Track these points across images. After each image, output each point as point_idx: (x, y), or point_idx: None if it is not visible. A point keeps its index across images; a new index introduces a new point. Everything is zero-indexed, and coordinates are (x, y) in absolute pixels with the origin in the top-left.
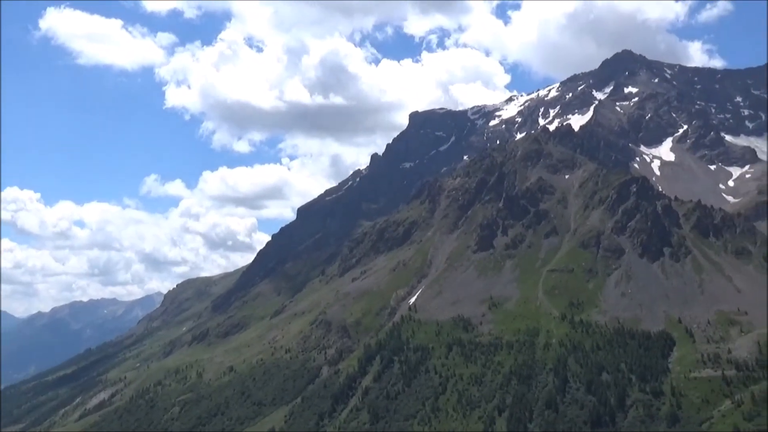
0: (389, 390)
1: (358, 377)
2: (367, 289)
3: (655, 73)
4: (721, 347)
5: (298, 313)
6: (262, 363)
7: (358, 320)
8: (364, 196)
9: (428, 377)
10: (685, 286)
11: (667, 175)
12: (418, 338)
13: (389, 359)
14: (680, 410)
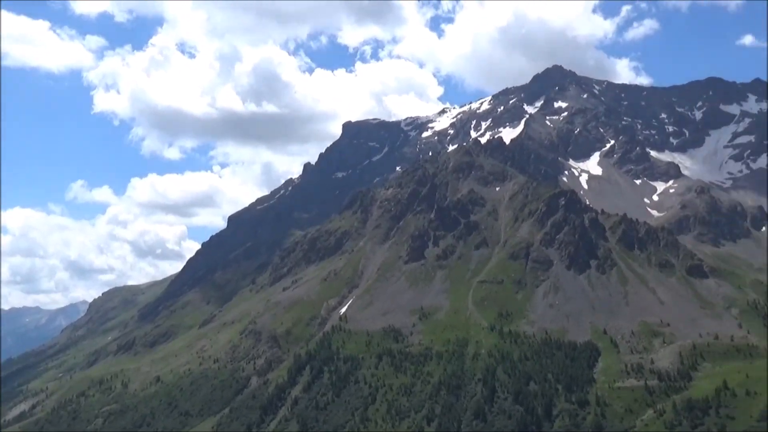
0: (319, 400)
1: (288, 387)
2: (298, 299)
3: (584, 88)
4: (645, 358)
5: (227, 322)
6: (189, 373)
7: (288, 330)
8: (296, 206)
9: (358, 387)
10: (611, 297)
11: (594, 188)
12: (348, 348)
13: (319, 369)
14: (605, 419)
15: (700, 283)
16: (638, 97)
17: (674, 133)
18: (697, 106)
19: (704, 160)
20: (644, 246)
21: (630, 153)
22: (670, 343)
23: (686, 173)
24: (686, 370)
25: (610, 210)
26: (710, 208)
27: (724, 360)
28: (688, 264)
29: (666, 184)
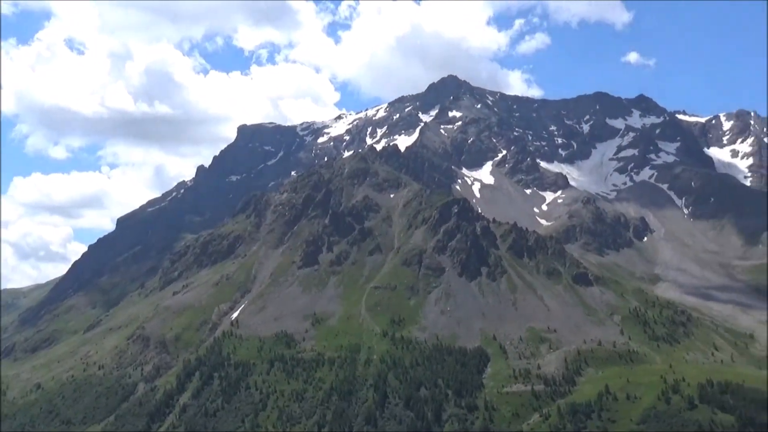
0: (208, 407)
1: (176, 394)
2: (189, 304)
3: (478, 99)
4: (532, 363)
5: (114, 327)
6: (72, 380)
7: (177, 335)
8: (189, 209)
9: (249, 394)
10: (500, 304)
11: (486, 197)
12: (239, 354)
13: (209, 375)
14: (492, 424)
15: (585, 290)
16: (529, 109)
17: (563, 145)
18: (584, 119)
19: (591, 172)
20: (533, 254)
21: (521, 163)
22: (556, 349)
23: (574, 184)
24: (571, 375)
25: (501, 218)
26: (595, 218)
27: (607, 365)
28: (574, 272)
29: (554, 194)
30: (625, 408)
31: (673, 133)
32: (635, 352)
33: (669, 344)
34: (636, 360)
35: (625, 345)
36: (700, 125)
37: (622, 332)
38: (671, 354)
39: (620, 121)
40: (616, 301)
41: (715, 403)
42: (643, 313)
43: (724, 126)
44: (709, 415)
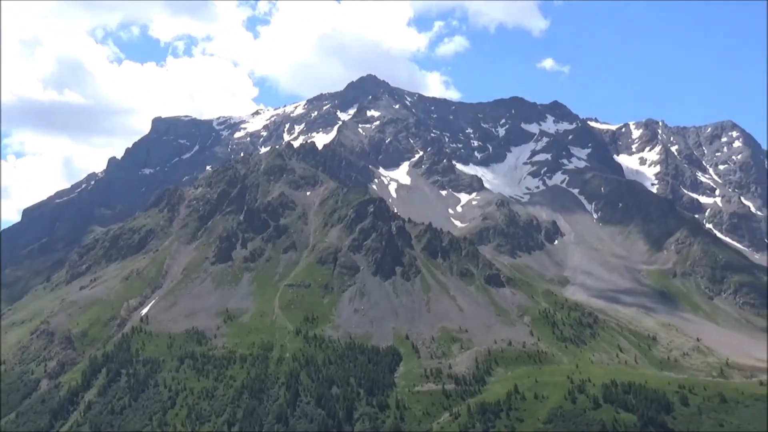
0: (114, 404)
1: (81, 391)
2: (97, 298)
3: (397, 99)
4: (443, 362)
5: (16, 321)
6: None
7: (84, 331)
8: (99, 201)
9: (157, 391)
10: (414, 304)
11: (402, 197)
12: (148, 351)
13: (116, 372)
14: (403, 422)
15: (497, 291)
16: (447, 111)
17: (479, 148)
18: (500, 123)
19: (505, 175)
20: (447, 255)
21: (437, 164)
22: (467, 349)
23: (488, 186)
24: (481, 375)
25: (416, 219)
26: (509, 220)
27: (516, 365)
28: (486, 273)
29: (469, 196)
30: (533, 407)
31: (584, 140)
32: (544, 353)
33: (576, 345)
34: (544, 360)
35: (535, 345)
36: (611, 132)
37: (532, 333)
38: (578, 355)
39: (535, 126)
40: (527, 302)
41: (619, 403)
42: (552, 314)
43: (633, 134)
44: (613, 415)
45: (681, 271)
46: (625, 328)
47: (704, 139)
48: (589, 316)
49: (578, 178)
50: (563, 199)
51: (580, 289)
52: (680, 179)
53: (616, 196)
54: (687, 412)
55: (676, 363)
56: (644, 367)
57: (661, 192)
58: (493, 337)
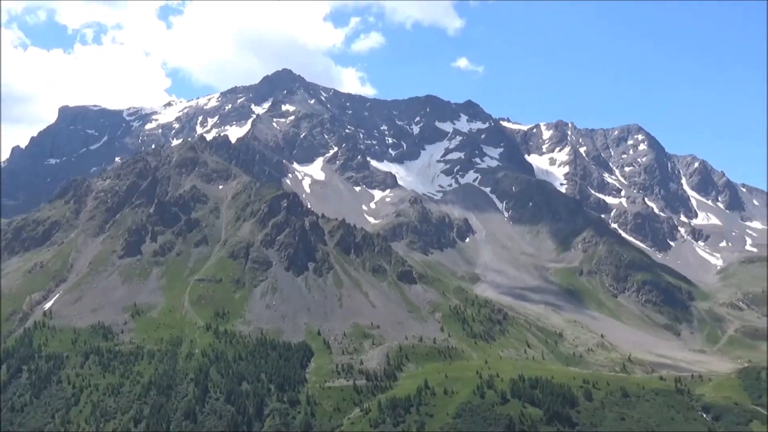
0: (15, 402)
1: None
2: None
3: (312, 94)
4: (355, 358)
5: None
6: None
7: None
8: (1, 191)
9: (60, 388)
10: (326, 299)
11: (316, 192)
12: (51, 346)
13: (17, 368)
14: (314, 418)
15: (409, 288)
16: (362, 107)
17: (393, 145)
18: (415, 121)
19: (418, 173)
20: (360, 251)
21: (351, 161)
22: (379, 345)
23: (402, 183)
24: (392, 371)
25: (330, 214)
26: (421, 218)
27: (427, 361)
28: (399, 270)
29: (383, 192)
30: (443, 402)
31: (497, 139)
32: (454, 349)
33: (486, 341)
34: (455, 356)
35: (445, 341)
36: (522, 133)
37: (443, 329)
38: (487, 350)
39: (448, 124)
40: (438, 298)
41: (526, 398)
42: (463, 311)
43: (544, 135)
44: (520, 409)
45: (587, 269)
46: (533, 325)
47: (611, 141)
48: (498, 313)
49: (490, 177)
50: (475, 198)
51: (490, 286)
52: (588, 180)
53: (526, 195)
54: (590, 407)
55: (581, 358)
56: (551, 363)
57: (570, 192)
58: (405, 333)
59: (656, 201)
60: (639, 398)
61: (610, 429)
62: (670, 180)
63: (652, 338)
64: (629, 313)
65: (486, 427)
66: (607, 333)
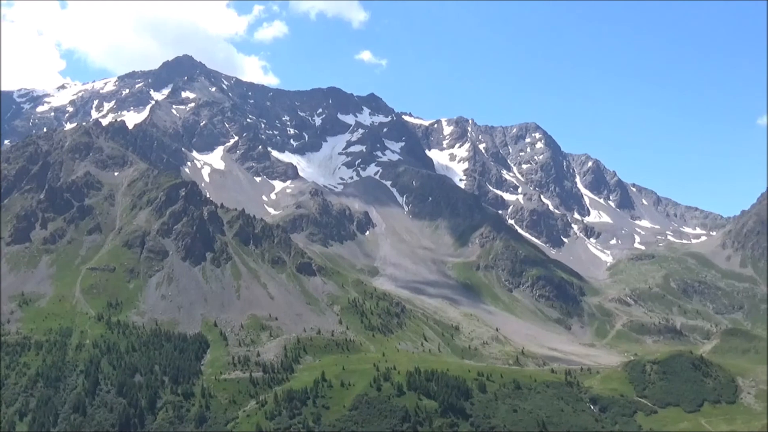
0: None
1: None
2: None
3: (213, 81)
4: (252, 350)
5: None
6: None
7: None
8: None
9: None
10: (224, 290)
11: (215, 182)
12: None
13: None
14: (209, 411)
15: (308, 280)
16: (264, 97)
17: (295, 136)
18: (317, 112)
19: (320, 165)
20: (259, 242)
21: (252, 151)
22: (276, 337)
23: (303, 175)
24: (289, 363)
25: (229, 204)
26: (322, 210)
27: (325, 353)
28: (298, 262)
29: (284, 183)
30: (339, 395)
31: (398, 133)
32: (352, 341)
33: (383, 334)
34: (352, 349)
35: (343, 334)
36: (424, 128)
37: (341, 322)
38: (385, 343)
39: (351, 117)
40: (337, 291)
41: (421, 390)
42: (362, 303)
43: (445, 130)
44: (415, 401)
45: (484, 264)
46: (431, 318)
47: (510, 138)
48: (396, 306)
49: (391, 171)
50: (376, 191)
51: (388, 279)
52: (486, 176)
53: (426, 190)
54: (484, 399)
55: (477, 352)
56: (447, 356)
57: (469, 188)
58: (303, 326)
59: (551, 198)
60: (531, 390)
61: (502, 420)
62: (565, 178)
63: (544, 332)
64: (523, 307)
65: (381, 420)
66: (502, 327)
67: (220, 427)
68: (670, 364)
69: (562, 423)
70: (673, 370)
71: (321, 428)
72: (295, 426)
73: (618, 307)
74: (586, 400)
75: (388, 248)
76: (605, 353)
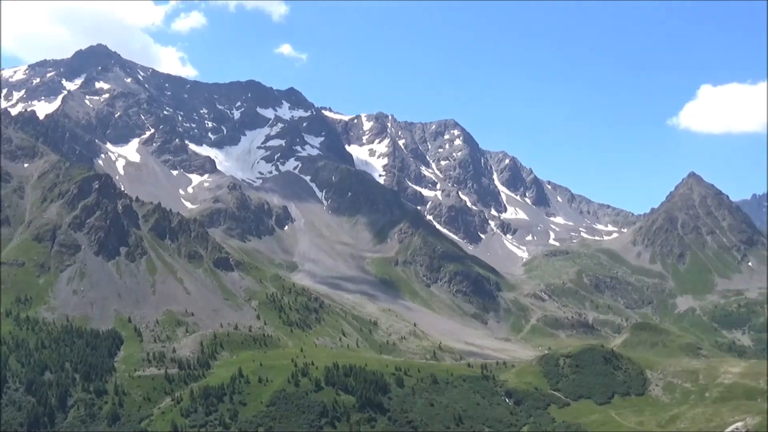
0: None
1: None
2: None
3: (129, 72)
4: (167, 346)
5: None
6: None
7: None
8: None
9: None
10: (139, 286)
11: (131, 175)
12: None
13: None
14: (122, 409)
15: (226, 275)
16: (182, 89)
17: (213, 129)
18: (236, 105)
19: (238, 159)
20: (176, 236)
21: (169, 143)
22: (193, 333)
23: (221, 169)
24: (206, 359)
25: (145, 198)
26: (240, 204)
27: (242, 349)
28: (215, 256)
29: (201, 177)
30: (257, 391)
31: (318, 128)
32: (270, 337)
33: (302, 329)
34: (270, 344)
35: (261, 329)
36: (344, 123)
37: (259, 317)
38: (303, 339)
39: (270, 111)
40: (255, 286)
41: (339, 385)
42: (280, 299)
43: (365, 126)
44: (333, 396)
45: (402, 259)
46: (349, 313)
47: (429, 135)
48: (315, 301)
49: (311, 166)
50: (295, 186)
51: (307, 274)
52: (406, 172)
53: (345, 185)
54: (402, 393)
55: (395, 347)
56: (365, 351)
57: (388, 183)
58: (220, 321)
59: (469, 195)
60: (448, 384)
61: (419, 414)
62: (483, 175)
63: (461, 327)
64: (441, 302)
65: (299, 415)
66: (420, 322)
67: (133, 425)
68: (582, 357)
69: (478, 416)
70: (585, 363)
71: (238, 425)
72: (212, 423)
73: (533, 302)
74: (502, 394)
75: (306, 243)
76: (520, 347)
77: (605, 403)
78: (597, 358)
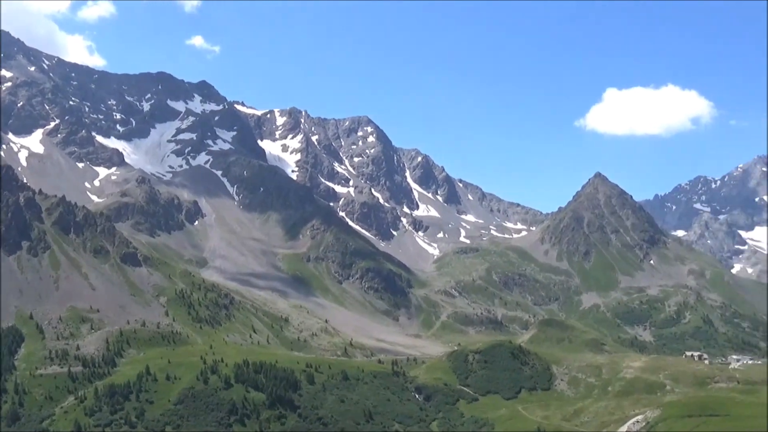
0: None
1: None
2: None
3: (33, 60)
4: (71, 344)
5: None
6: None
7: None
8: None
9: None
10: (41, 281)
11: (34, 167)
12: None
13: None
14: (22, 408)
15: (133, 270)
16: (89, 79)
17: (121, 121)
18: (146, 97)
19: (147, 152)
20: (81, 231)
21: (75, 135)
22: (98, 330)
23: (129, 162)
24: (111, 357)
25: (48, 191)
26: (149, 198)
27: (150, 346)
28: (123, 251)
29: (109, 170)
30: (165, 388)
31: (230, 122)
32: (179, 333)
33: (211, 326)
34: (179, 341)
35: (170, 326)
36: (256, 117)
37: (167, 313)
38: (213, 335)
39: (181, 104)
40: (164, 282)
41: (249, 382)
42: (189, 295)
43: (278, 121)
44: (243, 394)
45: (314, 256)
46: (260, 310)
47: (342, 131)
48: (225, 298)
49: (222, 161)
50: (206, 181)
51: (217, 270)
52: (318, 168)
53: (257, 180)
54: (312, 390)
55: (306, 343)
56: (276, 348)
57: (301, 179)
58: (127, 318)
59: (382, 192)
60: (358, 381)
61: (330, 411)
62: (396, 172)
63: (373, 323)
64: (353, 299)
65: (208, 413)
66: (332, 318)
67: (34, 425)
68: (491, 353)
69: (388, 412)
70: (493, 359)
71: (144, 423)
72: (117, 422)
73: (443, 299)
74: (412, 389)
75: (217, 239)
76: (431, 344)
77: (512, 397)
78: (505, 354)
